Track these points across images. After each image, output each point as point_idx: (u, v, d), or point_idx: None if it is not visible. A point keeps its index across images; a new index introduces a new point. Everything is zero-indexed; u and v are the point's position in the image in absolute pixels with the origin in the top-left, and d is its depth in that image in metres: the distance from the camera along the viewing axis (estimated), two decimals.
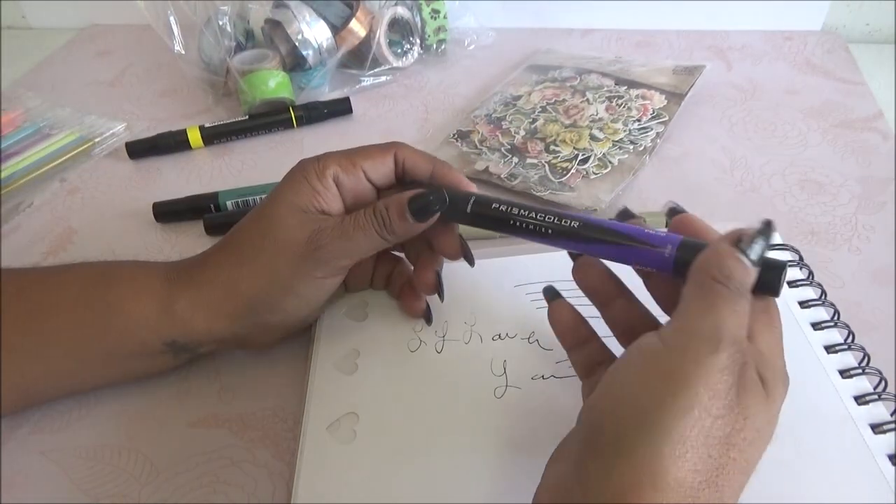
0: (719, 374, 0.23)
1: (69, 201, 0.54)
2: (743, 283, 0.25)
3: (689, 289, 0.26)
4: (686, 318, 0.25)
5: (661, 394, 0.23)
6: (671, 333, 0.25)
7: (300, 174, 0.34)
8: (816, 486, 0.29)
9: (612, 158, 0.51)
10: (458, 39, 0.70)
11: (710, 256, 0.26)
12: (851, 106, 0.58)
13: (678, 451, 0.22)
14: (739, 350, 0.24)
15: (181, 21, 0.62)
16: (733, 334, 0.24)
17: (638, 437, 0.22)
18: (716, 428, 0.22)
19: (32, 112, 0.63)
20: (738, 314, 0.25)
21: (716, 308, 0.24)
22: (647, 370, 0.24)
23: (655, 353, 0.24)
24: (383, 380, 0.36)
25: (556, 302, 0.32)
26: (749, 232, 0.26)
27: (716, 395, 0.23)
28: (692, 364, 0.23)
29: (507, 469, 0.31)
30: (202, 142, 0.58)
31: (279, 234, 0.33)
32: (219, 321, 0.34)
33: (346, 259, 0.34)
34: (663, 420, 0.22)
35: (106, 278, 0.36)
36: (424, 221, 0.33)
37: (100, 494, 0.34)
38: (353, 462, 0.32)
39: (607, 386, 0.25)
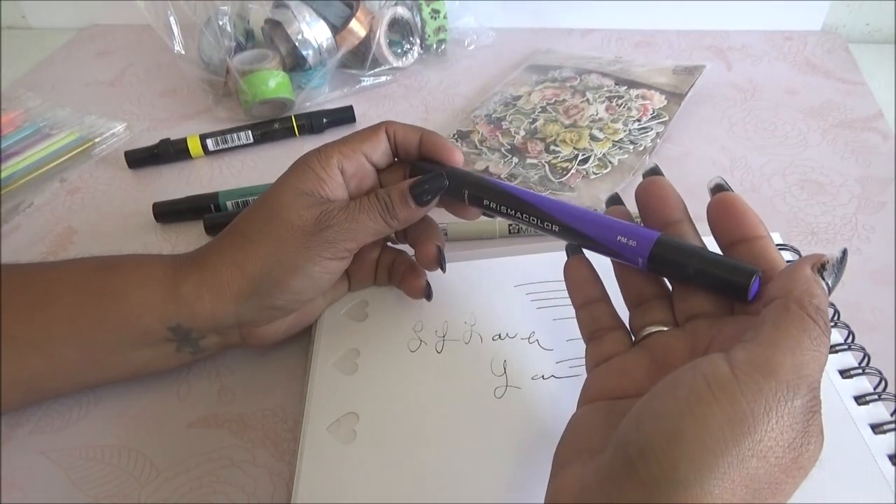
0: (790, 421, 0.22)
1: (69, 201, 0.54)
2: (827, 314, 0.23)
3: (772, 312, 0.24)
4: (766, 351, 0.23)
5: (725, 434, 0.21)
6: (746, 366, 0.22)
7: (304, 164, 0.35)
8: (816, 486, 0.29)
9: (612, 158, 0.51)
10: (458, 39, 0.70)
11: (799, 279, 0.24)
12: (851, 106, 0.58)
13: (727, 494, 0.21)
14: (814, 398, 0.22)
15: (181, 21, 0.62)
16: (813, 380, 0.22)
17: (690, 476, 0.21)
18: (770, 475, 0.22)
19: (32, 112, 0.63)
20: (821, 357, 0.23)
21: (801, 346, 0.22)
22: (715, 406, 0.22)
23: (726, 389, 0.22)
24: (383, 380, 0.36)
25: (575, 256, 0.32)
26: (833, 259, 0.24)
27: (780, 443, 0.22)
28: (764, 409, 0.21)
29: (507, 469, 0.31)
30: (202, 151, 0.57)
31: (286, 215, 0.34)
32: (223, 303, 0.34)
33: (352, 241, 0.34)
34: (720, 463, 0.21)
35: (110, 266, 0.36)
36: (425, 206, 0.35)
37: (100, 494, 0.34)
38: (353, 462, 0.32)
39: (659, 407, 0.23)
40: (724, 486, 0.21)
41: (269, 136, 0.59)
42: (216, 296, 0.34)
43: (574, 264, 0.32)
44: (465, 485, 0.31)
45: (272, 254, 0.34)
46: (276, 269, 0.34)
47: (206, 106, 0.64)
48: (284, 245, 0.34)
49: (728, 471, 0.21)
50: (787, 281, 0.24)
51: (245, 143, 0.58)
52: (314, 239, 0.33)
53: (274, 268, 0.34)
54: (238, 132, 0.58)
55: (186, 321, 0.35)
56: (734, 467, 0.21)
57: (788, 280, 0.24)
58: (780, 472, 0.22)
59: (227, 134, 0.57)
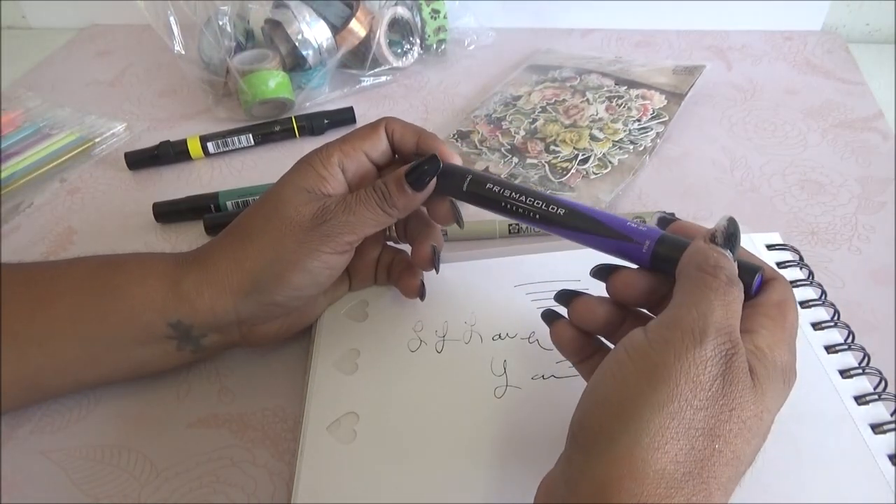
0: (702, 364, 0.23)
1: (69, 201, 0.54)
2: (731, 272, 0.25)
3: (678, 284, 0.26)
4: (673, 312, 0.25)
5: (641, 387, 0.23)
6: (656, 327, 0.25)
7: (306, 163, 0.36)
8: (816, 486, 0.29)
9: (612, 158, 0.51)
10: (458, 39, 0.70)
11: (695, 250, 0.26)
12: (851, 106, 0.58)
13: (657, 443, 0.22)
14: (728, 340, 0.24)
15: (181, 21, 0.62)
16: (721, 324, 0.24)
17: (616, 430, 0.23)
18: (698, 419, 0.22)
19: (32, 112, 0.63)
20: (728, 304, 0.24)
21: (705, 299, 0.24)
22: (630, 365, 0.24)
23: (639, 349, 0.24)
24: (383, 380, 0.36)
25: (556, 324, 0.31)
26: (720, 228, 0.26)
27: (698, 386, 0.23)
28: (673, 357, 0.23)
29: (507, 469, 0.31)
30: (202, 153, 0.57)
31: (285, 211, 0.34)
32: (223, 299, 0.34)
33: (351, 234, 0.34)
34: (642, 412, 0.22)
35: (112, 264, 0.36)
36: (422, 190, 0.34)
37: (100, 494, 0.34)
38: (353, 462, 0.32)
39: (593, 384, 0.26)
40: (652, 433, 0.22)
41: (270, 137, 0.59)
42: (216, 292, 0.34)
43: (557, 331, 0.31)
44: (465, 484, 0.31)
45: (271, 249, 0.34)
46: (275, 265, 0.34)
47: (206, 106, 0.64)
48: (283, 240, 0.34)
49: (652, 417, 0.22)
50: (687, 254, 0.27)
51: (245, 145, 0.58)
52: (312, 233, 0.33)
53: (273, 263, 0.34)
54: (238, 135, 0.58)
55: (187, 317, 0.35)
56: (657, 413, 0.22)
57: (685, 255, 0.27)
58: (709, 417, 0.23)
59: (228, 137, 0.57)
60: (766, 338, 0.25)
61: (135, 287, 0.34)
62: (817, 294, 0.37)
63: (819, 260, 0.43)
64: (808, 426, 0.31)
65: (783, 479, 0.29)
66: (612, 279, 0.30)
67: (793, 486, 0.29)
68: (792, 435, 0.31)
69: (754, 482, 0.27)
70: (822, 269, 0.42)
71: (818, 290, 0.38)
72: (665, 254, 0.28)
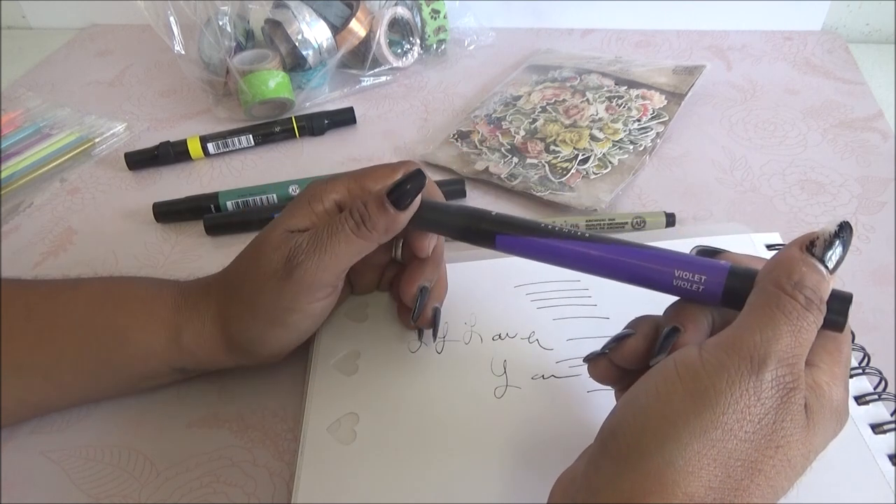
0: (756, 396, 0.21)
1: (69, 201, 0.54)
2: (816, 293, 0.23)
3: (750, 297, 0.24)
4: (734, 332, 0.23)
5: (685, 408, 0.22)
6: (713, 348, 0.23)
7: (301, 197, 0.33)
8: (816, 486, 0.29)
9: (612, 158, 0.51)
10: (458, 39, 0.70)
11: (779, 261, 0.24)
12: (851, 106, 0.58)
13: (691, 467, 0.21)
14: (790, 373, 0.22)
15: (181, 21, 0.61)
16: (785, 354, 0.22)
17: (652, 447, 0.22)
18: (740, 451, 0.21)
19: (32, 112, 0.63)
20: (800, 332, 0.22)
21: (774, 322, 0.22)
22: (678, 384, 0.22)
23: (691, 368, 0.23)
24: (384, 380, 0.36)
25: (592, 363, 0.29)
26: (824, 234, 0.23)
27: (746, 417, 0.21)
28: (726, 383, 0.22)
29: (507, 469, 0.31)
30: (202, 153, 0.57)
31: (260, 260, 0.31)
32: (219, 356, 0.35)
33: (327, 273, 0.31)
34: (681, 434, 0.21)
35: (115, 302, 0.35)
36: (405, 208, 0.31)
37: (100, 494, 0.34)
38: (353, 462, 0.32)
39: (634, 393, 0.24)
40: (688, 457, 0.21)
41: (270, 138, 0.59)
42: (212, 347, 0.34)
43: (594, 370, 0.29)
44: (465, 485, 0.31)
45: (248, 309, 0.32)
46: (253, 324, 0.32)
47: (206, 106, 0.64)
48: (259, 297, 0.32)
49: (690, 441, 0.21)
50: (769, 266, 0.24)
51: (246, 146, 0.58)
52: (286, 284, 0.31)
53: (251, 323, 0.32)
54: (239, 136, 0.58)
55: (190, 365, 0.35)
56: (696, 438, 0.21)
57: (770, 264, 0.24)
58: (753, 450, 0.22)
59: (228, 138, 0.57)
60: (825, 373, 0.24)
61: (138, 333, 0.34)
62: None
63: None
64: None
65: None
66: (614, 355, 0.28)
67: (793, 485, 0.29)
68: None
69: None
70: None
71: None
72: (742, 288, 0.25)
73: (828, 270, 0.23)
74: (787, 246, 0.24)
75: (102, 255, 0.48)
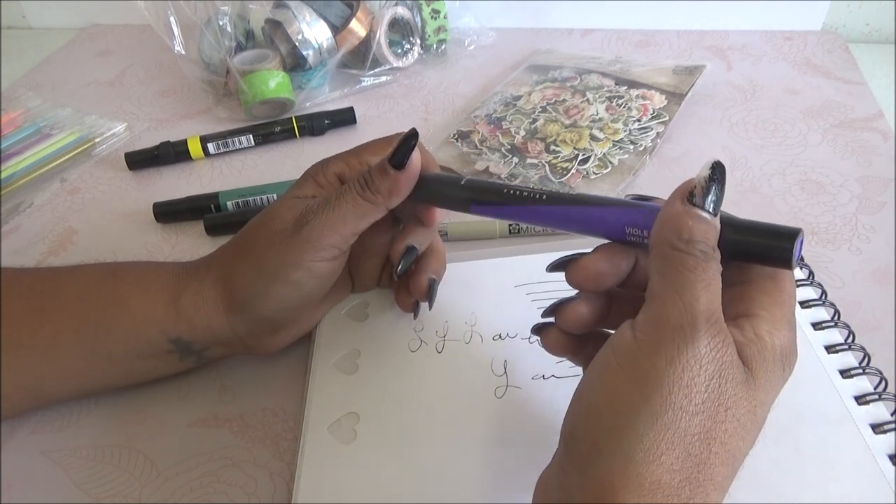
0: (696, 366, 0.22)
1: (69, 201, 0.54)
2: (708, 242, 0.23)
3: (652, 264, 0.24)
4: (655, 304, 0.23)
5: (632, 397, 0.22)
6: (643, 326, 0.23)
7: (306, 173, 0.35)
8: (816, 486, 0.29)
9: (613, 158, 0.51)
10: (458, 39, 0.70)
11: (665, 220, 0.24)
12: (851, 106, 0.58)
13: (652, 456, 0.21)
14: (720, 330, 0.22)
15: (181, 21, 0.62)
16: (709, 312, 0.22)
17: (610, 444, 0.22)
18: (693, 425, 0.21)
19: (32, 112, 0.63)
20: (710, 284, 0.22)
21: (685, 284, 0.22)
22: (619, 373, 0.23)
23: (628, 352, 0.23)
24: (384, 380, 0.36)
25: (544, 333, 0.30)
26: (700, 181, 0.23)
27: (692, 390, 0.21)
28: (664, 361, 0.22)
29: (507, 469, 0.31)
30: (203, 153, 0.57)
31: (271, 223, 0.33)
32: (218, 316, 0.34)
33: (334, 233, 0.32)
34: (635, 426, 0.21)
35: (114, 276, 0.36)
36: (403, 167, 0.32)
37: (100, 494, 0.34)
38: (353, 462, 0.32)
39: (582, 390, 0.24)
40: (646, 447, 0.21)
41: (270, 138, 0.59)
42: (211, 309, 0.34)
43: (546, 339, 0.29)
44: (466, 485, 0.31)
45: (254, 264, 0.33)
46: (258, 280, 0.33)
47: (206, 106, 0.64)
48: (266, 252, 0.33)
49: (645, 431, 0.21)
50: (658, 226, 0.24)
51: (246, 146, 0.58)
52: (294, 240, 0.32)
53: (256, 279, 0.33)
54: (239, 136, 0.57)
55: (186, 334, 0.35)
56: (650, 426, 0.21)
57: (659, 225, 0.24)
58: (706, 420, 0.22)
59: (228, 138, 0.57)
60: (766, 321, 0.23)
61: (136, 301, 0.34)
62: (817, 294, 0.37)
63: (819, 260, 0.43)
64: (808, 426, 0.31)
65: (784, 478, 0.29)
66: (569, 270, 0.28)
67: (793, 485, 0.29)
68: (792, 435, 0.31)
69: (755, 482, 0.27)
70: (822, 269, 0.42)
71: (818, 290, 0.38)
72: None
73: (711, 216, 0.23)
74: (668, 200, 0.24)
75: (102, 256, 0.48)
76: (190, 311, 0.34)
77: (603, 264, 0.27)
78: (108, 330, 0.34)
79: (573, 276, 0.28)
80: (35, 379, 0.34)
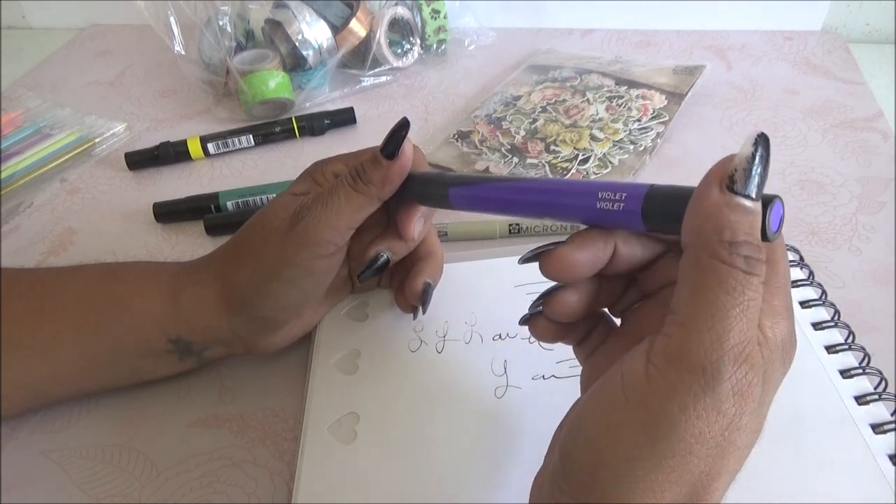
0: (714, 414, 0.19)
1: (69, 201, 0.54)
2: (753, 242, 0.19)
3: (683, 269, 0.21)
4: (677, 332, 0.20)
5: (638, 439, 0.20)
6: (659, 360, 0.20)
7: (305, 172, 0.35)
8: (816, 486, 0.29)
9: (613, 158, 0.51)
10: (458, 39, 0.70)
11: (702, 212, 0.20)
12: (851, 106, 0.58)
13: (653, 494, 0.20)
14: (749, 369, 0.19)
15: (181, 21, 0.62)
16: (740, 347, 0.19)
17: (609, 482, 0.21)
18: (703, 465, 0.20)
19: (32, 112, 0.63)
20: (749, 307, 0.19)
21: (720, 310, 0.19)
22: (624, 411, 0.21)
23: (639, 391, 0.21)
24: (384, 380, 0.36)
25: (531, 323, 0.29)
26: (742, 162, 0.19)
27: (706, 437, 0.20)
28: (678, 408, 0.19)
29: (507, 469, 0.31)
30: (203, 153, 0.57)
31: (267, 221, 0.33)
32: (218, 317, 0.34)
33: (330, 229, 0.32)
34: (636, 469, 0.20)
35: (114, 276, 0.36)
36: (394, 156, 0.31)
37: (100, 494, 0.34)
38: (353, 462, 0.32)
39: (582, 413, 0.23)
40: (645, 487, 0.20)
41: (270, 138, 0.59)
42: (210, 309, 0.34)
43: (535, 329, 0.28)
44: (466, 485, 0.31)
45: (253, 263, 0.33)
46: (256, 278, 0.33)
47: (206, 106, 0.64)
48: (263, 250, 0.33)
49: (646, 474, 0.20)
50: (692, 220, 0.20)
51: (246, 146, 0.58)
52: (290, 237, 0.32)
53: (254, 277, 0.33)
54: (239, 136, 0.57)
55: (186, 334, 0.35)
56: (652, 470, 0.20)
57: (694, 217, 0.20)
58: (718, 457, 0.20)
59: (228, 138, 0.57)
60: (766, 314, 0.21)
61: (136, 300, 0.34)
62: (817, 294, 0.37)
63: (819, 260, 0.43)
64: (808, 426, 0.31)
65: (784, 479, 0.29)
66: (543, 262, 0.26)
67: (793, 486, 0.29)
68: (792, 435, 0.31)
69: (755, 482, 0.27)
70: (822, 269, 0.42)
71: (818, 290, 0.38)
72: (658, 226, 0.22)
73: (754, 201, 0.20)
74: (702, 187, 0.20)
75: (102, 256, 0.48)
76: (189, 311, 0.34)
77: (578, 254, 0.25)
78: (108, 330, 0.34)
79: (547, 268, 0.26)
80: (35, 379, 0.34)
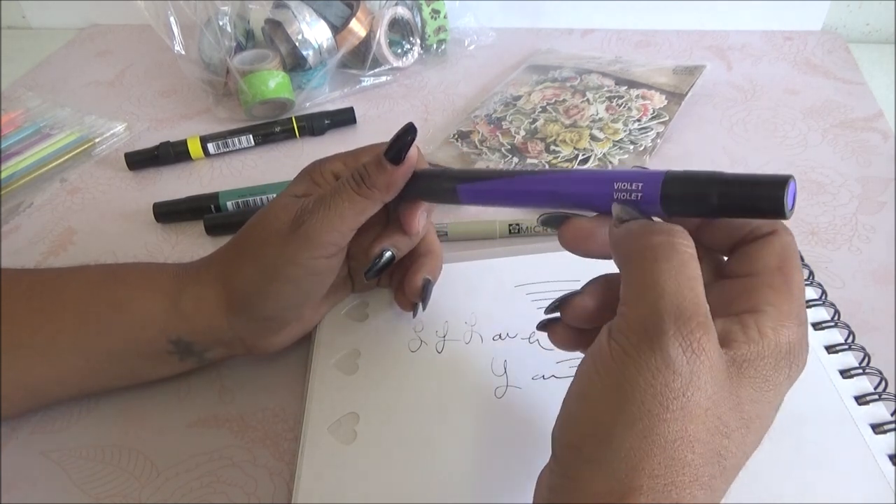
0: (669, 372, 0.21)
1: (69, 201, 0.54)
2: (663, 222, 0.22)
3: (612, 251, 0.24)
4: (622, 306, 0.23)
5: (609, 406, 0.22)
6: (616, 330, 0.22)
7: (303, 171, 0.35)
8: (816, 486, 0.29)
9: (613, 158, 0.51)
10: (458, 39, 0.70)
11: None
12: (851, 106, 0.58)
13: (631, 464, 0.21)
14: (693, 327, 0.21)
15: (181, 21, 0.62)
16: (677, 310, 0.21)
17: (590, 454, 0.22)
18: (671, 430, 0.21)
19: (32, 112, 0.63)
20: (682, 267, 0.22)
21: (651, 273, 0.22)
22: (597, 382, 0.22)
23: (604, 360, 0.22)
24: (384, 380, 0.36)
25: (549, 329, 0.29)
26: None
27: (667, 397, 0.21)
28: (634, 370, 0.21)
29: (507, 469, 0.31)
30: (203, 153, 0.57)
31: (268, 223, 0.33)
32: (218, 317, 0.34)
33: (331, 232, 0.32)
34: (611, 436, 0.21)
35: (114, 277, 0.36)
36: (400, 163, 0.32)
37: (100, 494, 0.34)
38: (353, 462, 0.32)
39: (568, 394, 0.24)
40: (623, 456, 0.21)
41: (270, 138, 0.59)
42: (211, 310, 0.34)
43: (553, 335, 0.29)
44: (466, 485, 0.31)
45: (253, 263, 0.33)
46: (257, 278, 0.33)
47: (206, 106, 0.64)
48: (264, 250, 0.33)
49: (622, 441, 0.21)
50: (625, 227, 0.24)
51: (246, 146, 0.58)
52: (291, 239, 0.32)
53: (255, 277, 0.33)
54: (239, 136, 0.57)
55: (186, 335, 0.35)
56: (626, 436, 0.21)
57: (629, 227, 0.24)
58: (686, 423, 0.21)
59: (228, 138, 0.57)
60: (771, 317, 0.22)
61: (137, 301, 0.34)
62: (817, 294, 0.37)
63: (819, 260, 0.43)
64: (808, 426, 0.31)
65: (784, 479, 0.29)
66: (563, 226, 0.27)
67: (793, 486, 0.29)
68: (792, 435, 0.31)
69: (755, 482, 0.27)
70: (822, 269, 0.42)
71: (818, 290, 0.38)
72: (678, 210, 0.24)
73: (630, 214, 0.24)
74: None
75: (102, 256, 0.48)
76: (190, 312, 0.34)
77: (596, 224, 0.26)
78: (109, 330, 0.34)
79: (566, 232, 0.27)
80: (35, 379, 0.34)
